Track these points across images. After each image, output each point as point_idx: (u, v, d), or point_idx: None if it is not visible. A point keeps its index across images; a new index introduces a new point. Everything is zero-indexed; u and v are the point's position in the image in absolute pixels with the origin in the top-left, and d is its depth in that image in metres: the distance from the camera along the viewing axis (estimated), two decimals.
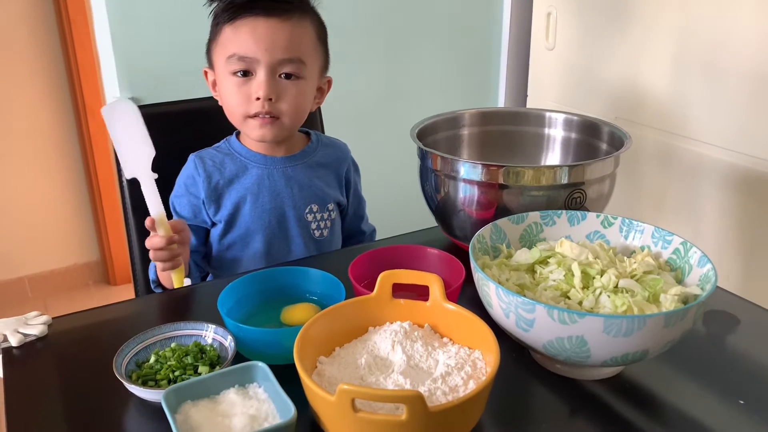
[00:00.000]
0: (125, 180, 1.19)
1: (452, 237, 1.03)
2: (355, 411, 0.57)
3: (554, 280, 0.77)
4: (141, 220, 1.19)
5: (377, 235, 1.29)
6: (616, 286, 0.74)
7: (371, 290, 0.75)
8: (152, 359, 0.73)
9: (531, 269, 0.81)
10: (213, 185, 1.07)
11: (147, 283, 1.15)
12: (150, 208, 0.90)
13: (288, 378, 0.65)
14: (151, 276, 1.08)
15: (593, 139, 1.10)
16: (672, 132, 1.56)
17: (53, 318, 0.85)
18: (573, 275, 0.76)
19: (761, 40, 1.33)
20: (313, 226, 1.11)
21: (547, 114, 1.15)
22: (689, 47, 1.48)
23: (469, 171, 0.93)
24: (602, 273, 0.76)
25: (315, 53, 1.05)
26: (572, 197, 0.93)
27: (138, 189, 1.18)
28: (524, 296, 0.67)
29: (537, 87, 2.00)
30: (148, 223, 0.92)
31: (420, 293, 0.75)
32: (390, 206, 1.48)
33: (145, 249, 1.17)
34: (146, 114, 1.22)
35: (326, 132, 1.36)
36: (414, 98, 2.09)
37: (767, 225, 1.39)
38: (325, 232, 1.12)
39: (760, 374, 0.76)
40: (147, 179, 0.88)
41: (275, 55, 0.99)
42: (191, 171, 1.08)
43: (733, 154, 1.42)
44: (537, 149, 1.16)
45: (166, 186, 1.10)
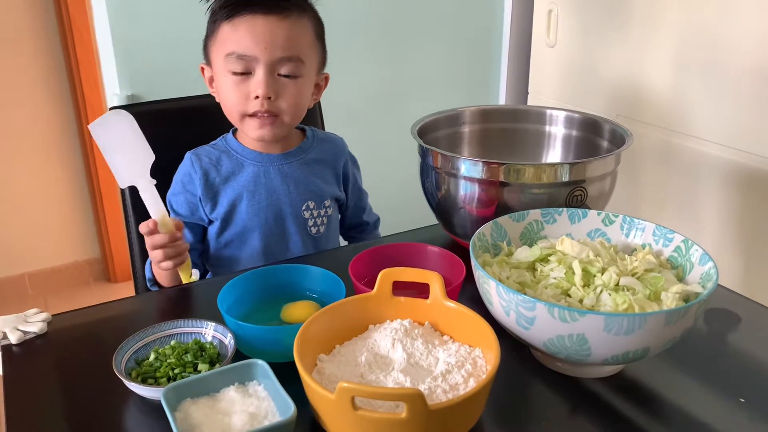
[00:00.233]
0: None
1: (453, 235, 1.03)
2: (355, 409, 0.57)
3: (555, 278, 0.76)
4: (141, 218, 1.19)
5: (380, 233, 1.29)
6: (617, 284, 0.74)
7: (371, 288, 0.75)
8: (152, 357, 0.73)
9: (532, 267, 0.81)
10: (209, 183, 1.07)
11: (146, 276, 1.15)
12: (151, 212, 0.90)
13: (288, 376, 0.65)
14: (148, 275, 1.08)
15: (594, 137, 1.09)
16: (673, 130, 1.55)
17: (53, 315, 0.84)
18: (574, 273, 0.76)
19: (762, 38, 1.33)
20: (310, 223, 1.10)
21: (548, 111, 1.15)
22: (690, 45, 1.47)
23: (470, 168, 0.93)
24: (603, 271, 0.76)
25: (313, 51, 1.05)
26: (573, 195, 0.93)
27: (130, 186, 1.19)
28: (525, 294, 0.67)
29: (538, 84, 2.00)
30: (145, 229, 0.91)
31: (420, 291, 0.75)
32: (390, 204, 1.48)
33: (145, 246, 1.18)
34: (146, 111, 1.23)
35: (326, 129, 1.36)
36: (415, 96, 2.09)
37: (767, 222, 1.39)
38: (322, 229, 1.12)
39: (761, 372, 0.76)
40: (146, 185, 0.88)
41: (274, 54, 0.99)
42: (188, 168, 1.08)
43: (734, 152, 1.42)
44: (538, 147, 1.16)
45: (166, 183, 1.10)
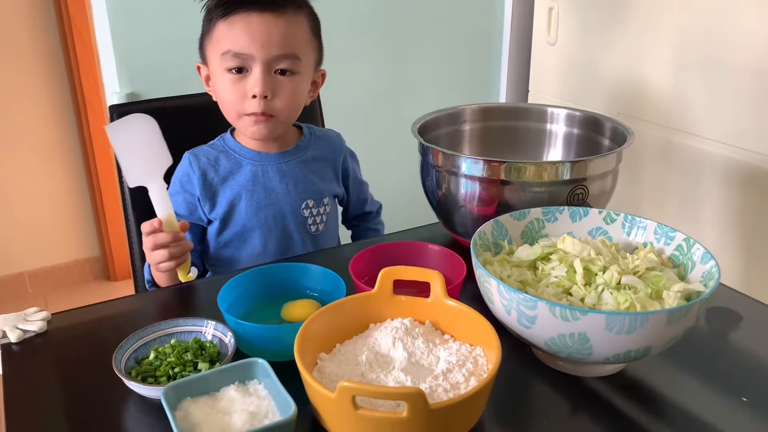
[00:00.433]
0: (124, 178, 1.18)
1: (454, 233, 1.03)
2: (356, 408, 0.57)
3: (556, 277, 0.76)
4: (141, 216, 1.19)
5: (383, 220, 1.29)
6: (619, 283, 0.73)
7: (372, 287, 0.75)
8: (152, 356, 0.72)
9: (533, 266, 0.81)
10: (208, 183, 1.07)
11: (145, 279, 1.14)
12: (158, 212, 0.90)
13: (288, 375, 0.65)
14: (147, 277, 1.07)
15: (595, 135, 1.09)
16: (674, 128, 1.55)
17: (53, 314, 0.84)
18: (575, 272, 0.75)
19: (763, 36, 1.32)
20: (310, 221, 1.10)
21: (549, 109, 1.15)
22: (691, 43, 1.47)
23: (471, 167, 0.92)
24: (604, 269, 0.75)
25: (309, 48, 1.05)
26: (574, 193, 0.92)
27: (138, 186, 1.19)
28: (526, 293, 0.67)
29: (539, 82, 2.00)
30: (149, 228, 0.90)
31: (421, 290, 0.74)
32: (391, 202, 1.47)
33: (144, 246, 1.17)
34: (146, 109, 1.22)
35: (328, 128, 1.35)
36: (415, 94, 2.09)
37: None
38: (321, 227, 1.12)
39: (763, 371, 0.76)
40: (159, 186, 0.89)
41: (270, 51, 0.98)
42: (186, 168, 1.07)
43: (735, 150, 1.42)
44: (539, 145, 1.16)
45: (166, 182, 1.10)
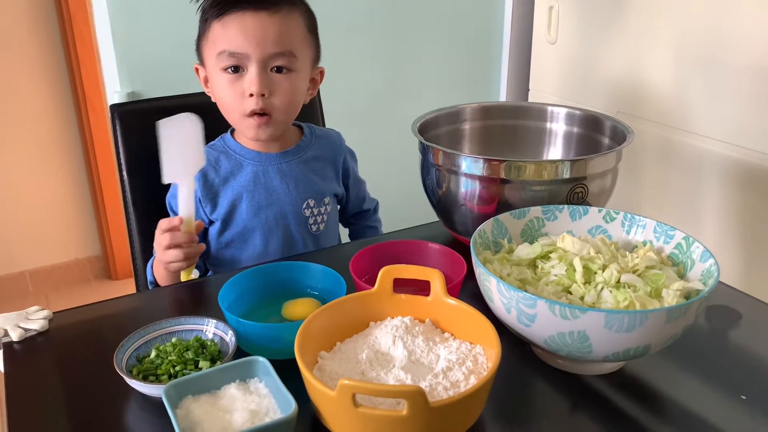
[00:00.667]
0: (125, 177, 1.19)
1: (454, 232, 1.03)
2: (356, 406, 0.57)
3: (556, 275, 0.76)
4: (141, 215, 1.20)
5: (380, 217, 1.29)
6: (618, 281, 0.74)
7: (372, 285, 0.75)
8: (153, 354, 0.73)
9: (532, 264, 0.81)
10: (209, 184, 1.07)
11: (147, 279, 1.15)
12: (181, 210, 0.92)
13: (289, 373, 0.65)
14: (149, 278, 1.08)
15: (595, 134, 1.09)
16: (674, 126, 1.55)
17: (54, 313, 0.84)
18: (575, 270, 0.76)
19: (762, 35, 1.32)
20: (311, 221, 1.10)
21: (549, 108, 1.15)
22: (691, 42, 1.47)
23: (471, 166, 0.93)
24: (604, 268, 0.76)
25: (306, 45, 1.05)
26: (574, 192, 0.93)
27: (139, 184, 1.19)
28: (525, 291, 0.67)
29: (539, 81, 2.00)
30: (167, 225, 0.92)
31: (421, 288, 0.75)
32: (391, 201, 1.47)
33: (146, 244, 1.18)
34: (146, 108, 1.23)
35: (327, 126, 1.35)
36: (415, 93, 2.09)
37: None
38: (322, 226, 1.12)
39: (762, 369, 0.76)
40: (188, 184, 0.92)
41: (266, 50, 0.98)
42: None
43: (735, 149, 1.42)
44: (539, 144, 1.16)
45: (165, 184, 1.10)
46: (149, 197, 1.18)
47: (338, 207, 1.21)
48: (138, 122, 1.20)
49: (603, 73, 1.73)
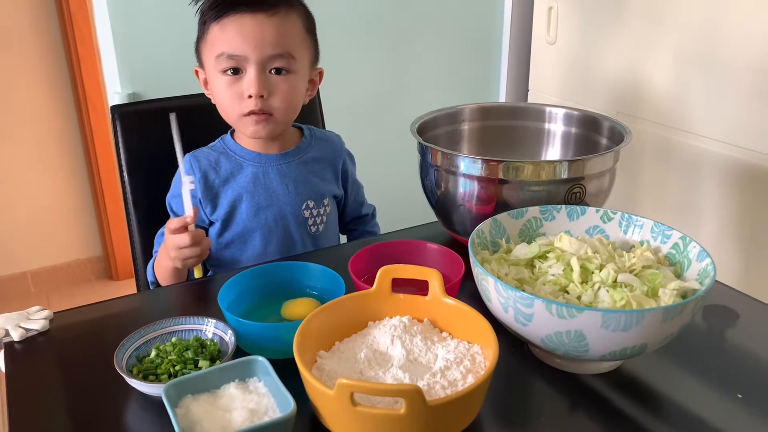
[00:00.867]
0: (126, 178, 1.19)
1: (452, 232, 1.04)
2: (354, 405, 0.58)
3: (553, 275, 0.77)
4: (142, 216, 1.20)
5: (378, 223, 1.29)
6: (615, 281, 0.74)
7: (371, 285, 0.75)
8: (153, 354, 0.73)
9: (530, 264, 0.82)
10: (209, 185, 1.07)
11: (148, 280, 1.15)
12: (187, 206, 0.93)
13: (288, 372, 0.65)
14: (150, 278, 1.08)
15: (593, 134, 1.10)
16: (673, 127, 1.55)
17: (55, 313, 0.85)
18: (572, 270, 0.76)
19: (761, 35, 1.33)
20: (310, 222, 1.11)
21: (547, 109, 1.15)
22: (690, 42, 1.47)
23: (469, 166, 0.93)
24: (601, 268, 0.76)
25: (304, 46, 1.05)
26: (572, 192, 0.93)
27: (139, 185, 1.20)
28: (523, 291, 0.67)
29: (538, 82, 2.00)
30: (179, 224, 0.93)
31: (420, 288, 0.75)
32: (390, 201, 1.48)
33: (147, 244, 1.18)
34: (147, 109, 1.24)
35: (327, 127, 1.36)
36: (414, 93, 2.09)
37: (766, 219, 1.39)
38: (321, 228, 1.12)
39: (759, 368, 0.76)
40: (188, 184, 0.94)
41: (264, 51, 0.99)
42: (187, 170, 1.08)
43: (734, 149, 1.42)
44: (537, 144, 1.16)
45: (166, 183, 1.11)
46: (150, 198, 1.19)
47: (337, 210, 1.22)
48: (138, 123, 1.20)
49: (602, 74, 1.73)
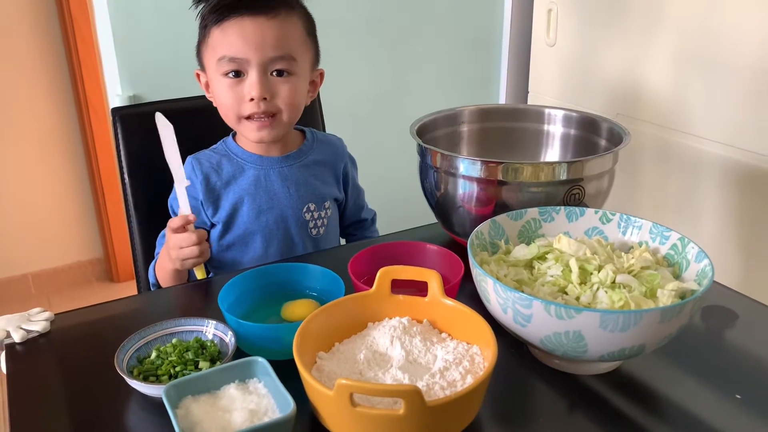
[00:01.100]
0: (127, 180, 1.19)
1: (452, 233, 1.04)
2: (354, 405, 0.58)
3: (552, 276, 0.77)
4: (143, 218, 1.20)
5: (378, 228, 1.29)
6: (614, 282, 0.74)
7: (371, 286, 0.75)
8: (153, 355, 0.73)
9: (529, 265, 0.82)
10: (210, 187, 1.07)
11: (149, 280, 1.15)
12: (184, 207, 0.96)
13: (288, 373, 0.66)
14: (151, 280, 1.08)
15: (592, 136, 1.10)
16: (672, 128, 1.56)
17: (55, 314, 0.85)
18: (571, 271, 0.76)
19: (760, 36, 1.33)
20: (311, 225, 1.11)
21: (547, 110, 1.16)
22: (689, 43, 1.48)
23: (469, 168, 0.93)
24: (600, 269, 0.76)
25: (305, 48, 1.05)
26: (571, 193, 0.93)
27: (140, 187, 1.20)
28: (522, 292, 0.68)
29: (538, 83, 2.01)
30: (181, 222, 0.95)
31: (419, 289, 0.75)
32: (390, 203, 1.48)
33: (148, 246, 1.19)
34: (148, 111, 1.24)
35: (327, 128, 1.36)
36: (414, 95, 2.10)
37: (766, 220, 1.39)
38: (322, 230, 1.12)
39: (757, 369, 0.76)
40: (183, 184, 0.98)
41: (265, 54, 0.99)
42: (189, 173, 1.08)
43: (733, 150, 1.42)
44: (536, 146, 1.17)
45: (167, 184, 1.11)
46: (150, 200, 1.19)
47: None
48: (139, 125, 1.20)
49: (602, 75, 1.74)
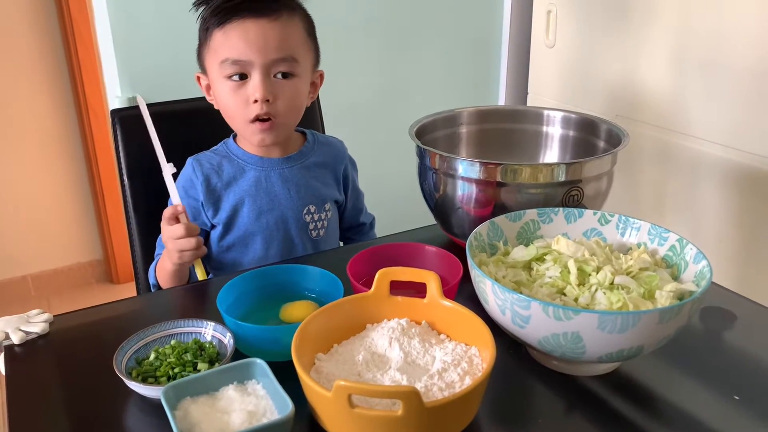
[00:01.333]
0: (126, 181, 1.20)
1: (451, 235, 1.04)
2: (352, 407, 0.58)
3: (550, 277, 0.77)
4: (142, 219, 1.21)
5: (376, 233, 1.29)
6: (612, 283, 0.74)
7: (369, 288, 0.76)
8: (152, 356, 0.73)
9: (527, 266, 0.82)
10: (211, 188, 1.07)
11: (149, 282, 1.16)
12: (173, 198, 0.98)
13: (286, 375, 0.66)
14: (152, 281, 1.08)
15: (591, 137, 1.10)
16: (671, 129, 1.56)
17: (54, 316, 0.85)
18: (569, 272, 0.76)
19: (759, 37, 1.33)
20: (311, 227, 1.11)
21: (546, 112, 1.16)
22: (689, 45, 1.48)
23: (467, 169, 0.93)
24: (598, 270, 0.76)
25: (306, 49, 1.05)
26: (570, 195, 0.93)
27: (139, 188, 1.20)
28: (520, 293, 0.68)
29: (537, 85, 2.01)
30: (173, 212, 0.97)
31: (418, 290, 0.75)
32: (389, 204, 1.48)
33: (147, 247, 1.19)
34: (149, 113, 1.24)
35: (326, 130, 1.36)
36: (414, 96, 2.10)
37: (765, 221, 1.39)
38: (322, 232, 1.13)
39: (756, 370, 0.76)
40: (169, 171, 1.00)
41: (268, 56, 0.99)
42: (189, 174, 1.08)
43: (733, 151, 1.43)
44: (535, 147, 1.17)
45: (166, 187, 1.11)
46: (150, 201, 1.20)
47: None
48: (139, 127, 1.20)
49: (601, 77, 1.74)
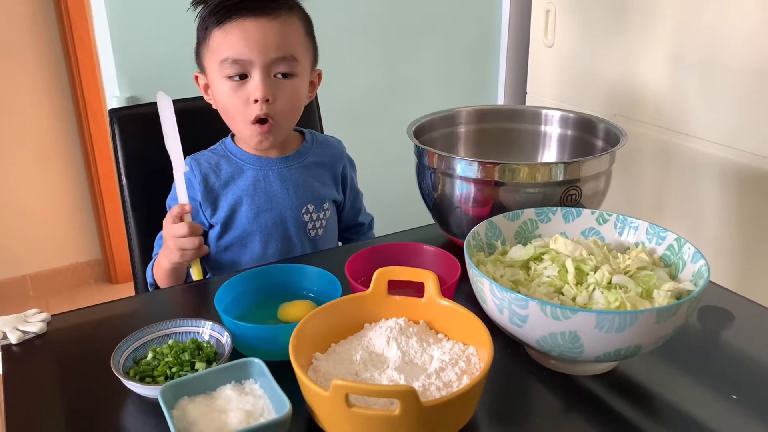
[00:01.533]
0: (124, 181, 1.19)
1: (449, 234, 1.04)
2: (349, 406, 0.58)
3: (548, 277, 0.77)
4: (141, 219, 1.20)
5: (375, 233, 1.29)
6: (610, 282, 0.74)
7: (367, 287, 0.75)
8: (150, 356, 0.73)
9: (525, 266, 0.82)
10: (209, 187, 1.07)
11: (147, 281, 1.15)
12: (182, 196, 0.97)
13: (284, 374, 0.66)
14: (149, 280, 1.08)
15: (589, 136, 1.10)
16: (670, 129, 1.56)
17: (52, 316, 0.85)
18: (567, 271, 0.76)
19: (759, 37, 1.33)
20: (310, 226, 1.11)
21: (544, 111, 1.16)
22: (688, 44, 1.48)
23: (466, 168, 0.93)
24: (596, 269, 0.76)
25: (305, 48, 1.05)
26: (568, 194, 0.93)
27: (138, 188, 1.20)
28: (518, 292, 0.68)
29: (536, 84, 2.01)
30: (180, 210, 0.97)
31: (416, 290, 0.75)
32: (387, 203, 1.48)
33: (146, 247, 1.19)
34: (145, 113, 1.24)
35: (324, 129, 1.36)
36: (413, 96, 2.10)
37: (764, 221, 1.39)
38: (321, 232, 1.12)
39: (754, 369, 0.76)
40: (182, 170, 0.99)
41: (268, 55, 0.99)
42: (187, 173, 1.08)
43: (732, 151, 1.43)
44: (533, 146, 1.17)
45: (166, 185, 1.11)
46: (148, 201, 1.19)
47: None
48: (137, 127, 1.21)
49: (600, 76, 1.74)
